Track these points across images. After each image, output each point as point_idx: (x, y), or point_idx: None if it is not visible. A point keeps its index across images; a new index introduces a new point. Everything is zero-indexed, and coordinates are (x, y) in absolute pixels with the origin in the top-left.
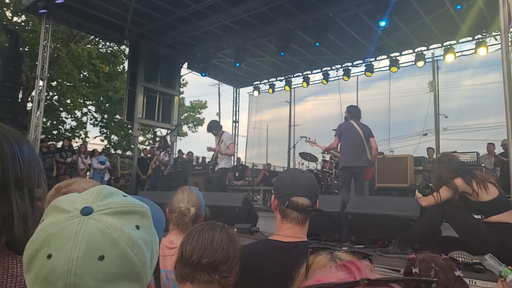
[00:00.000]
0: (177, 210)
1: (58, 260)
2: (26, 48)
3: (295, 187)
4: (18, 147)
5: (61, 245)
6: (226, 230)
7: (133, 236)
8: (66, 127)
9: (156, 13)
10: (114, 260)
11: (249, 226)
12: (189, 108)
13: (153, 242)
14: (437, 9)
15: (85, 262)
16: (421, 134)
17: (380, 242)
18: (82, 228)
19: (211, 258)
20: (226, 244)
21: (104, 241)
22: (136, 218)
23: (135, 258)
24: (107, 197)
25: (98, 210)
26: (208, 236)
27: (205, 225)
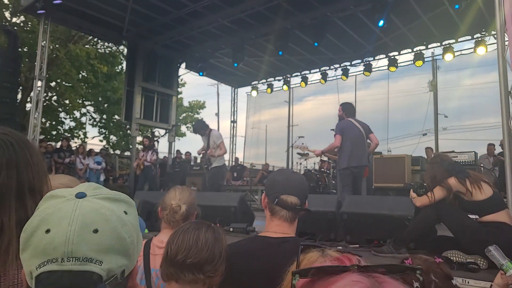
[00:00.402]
0: (168, 208)
1: (56, 233)
2: (25, 48)
3: (286, 185)
4: (29, 152)
5: (59, 221)
6: (212, 230)
7: (122, 217)
8: (65, 128)
9: (154, 13)
10: (107, 234)
11: (245, 225)
12: (187, 108)
13: (138, 228)
14: (435, 8)
15: (82, 233)
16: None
17: (376, 241)
18: (78, 207)
19: (195, 258)
20: (212, 244)
21: (98, 218)
22: (124, 205)
23: (125, 235)
24: (96, 188)
25: (91, 195)
26: (193, 236)
27: (191, 225)
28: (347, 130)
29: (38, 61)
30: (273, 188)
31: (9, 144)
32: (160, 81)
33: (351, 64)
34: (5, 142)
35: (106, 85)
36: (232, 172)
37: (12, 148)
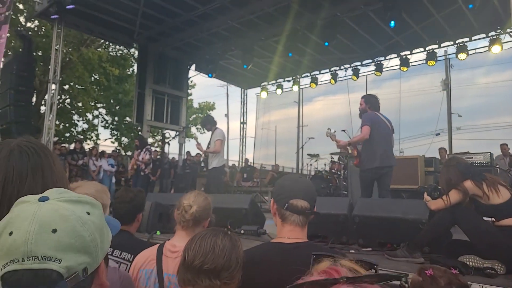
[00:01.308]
0: (180, 207)
1: (17, 234)
2: (39, 52)
3: (294, 190)
4: (52, 159)
5: (20, 223)
6: (229, 237)
7: (83, 216)
8: (78, 130)
9: (164, 16)
10: (65, 233)
11: (256, 228)
12: (197, 110)
13: (103, 228)
14: (448, 7)
15: (40, 234)
16: (434, 134)
17: (389, 245)
18: (39, 210)
19: (212, 264)
20: (229, 251)
21: (57, 218)
22: (87, 207)
23: (85, 233)
24: (62, 192)
25: (54, 198)
26: (210, 242)
27: (208, 231)
28: (376, 124)
29: (52, 64)
30: (282, 194)
31: (33, 150)
32: (170, 83)
33: (361, 64)
34: (29, 148)
35: (118, 87)
36: (242, 173)
37: (36, 154)
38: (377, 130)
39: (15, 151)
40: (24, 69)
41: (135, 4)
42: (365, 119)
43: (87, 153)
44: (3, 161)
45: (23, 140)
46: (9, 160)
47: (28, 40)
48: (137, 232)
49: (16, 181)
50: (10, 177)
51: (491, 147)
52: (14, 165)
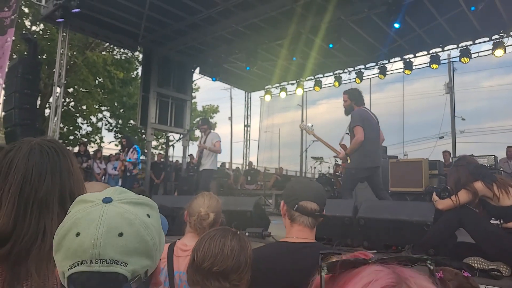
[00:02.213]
0: (196, 214)
1: (85, 236)
2: (44, 56)
3: (304, 192)
4: (70, 160)
5: (88, 225)
6: (238, 238)
7: (145, 220)
8: (82, 133)
9: (169, 19)
10: (131, 237)
11: (261, 230)
12: (201, 113)
13: (161, 230)
14: (452, 10)
15: (108, 237)
16: (437, 137)
17: (394, 247)
18: (105, 212)
19: (221, 266)
20: (237, 252)
21: (123, 222)
22: (147, 209)
23: (148, 237)
24: (122, 193)
25: (117, 200)
26: (219, 244)
27: (217, 232)
28: (367, 121)
29: (57, 68)
30: (292, 195)
31: (53, 150)
32: (174, 86)
33: (365, 67)
34: (49, 148)
35: (122, 90)
36: (246, 176)
37: (56, 155)
38: (368, 128)
39: (35, 150)
40: (29, 72)
41: (139, 8)
42: (355, 118)
43: (91, 156)
44: (22, 160)
45: (44, 139)
46: (29, 159)
47: (34, 43)
48: None
49: (34, 181)
50: (29, 177)
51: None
52: (33, 164)
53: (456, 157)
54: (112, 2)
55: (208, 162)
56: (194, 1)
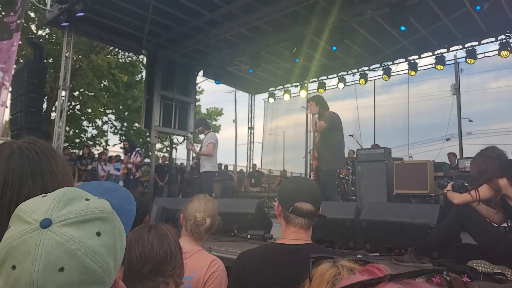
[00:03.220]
0: (193, 219)
1: (21, 271)
2: (50, 60)
3: (299, 193)
4: (54, 160)
5: (23, 257)
6: (155, 230)
7: (92, 245)
8: (88, 136)
9: (172, 23)
10: (73, 271)
11: (263, 233)
12: (205, 115)
13: (117, 244)
14: (457, 10)
15: (46, 275)
16: (444, 139)
17: (397, 250)
18: (42, 242)
19: (148, 266)
20: (158, 246)
21: (63, 254)
22: (97, 224)
23: (96, 266)
24: (67, 205)
25: (57, 222)
26: (138, 247)
27: (132, 235)
28: (340, 124)
29: (62, 71)
30: (287, 196)
31: (34, 152)
32: (178, 89)
33: (369, 69)
34: (29, 150)
35: (127, 93)
36: (250, 179)
37: (37, 156)
38: (341, 131)
39: (15, 153)
40: (35, 76)
41: (143, 12)
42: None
43: (96, 158)
44: (3, 163)
45: (25, 141)
46: (9, 162)
47: (39, 47)
48: None
49: (15, 184)
50: (10, 180)
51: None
52: (14, 167)
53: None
54: (116, 6)
55: (207, 164)
56: (197, 4)
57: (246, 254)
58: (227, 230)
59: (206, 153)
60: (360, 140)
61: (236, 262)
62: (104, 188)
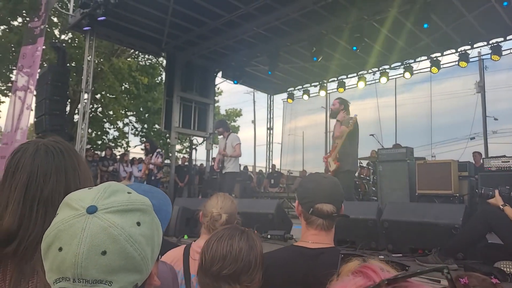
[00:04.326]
0: (209, 215)
1: (67, 253)
2: (73, 63)
3: (319, 193)
4: (76, 160)
5: (69, 239)
6: (246, 237)
7: (133, 233)
8: (109, 137)
9: (191, 25)
10: (115, 255)
11: (283, 233)
12: (224, 116)
13: (154, 236)
14: (481, 6)
15: (90, 256)
16: (468, 138)
17: (420, 251)
18: (87, 226)
19: (231, 269)
20: (246, 253)
21: (106, 238)
22: (138, 215)
23: (135, 253)
24: (111, 195)
25: (102, 209)
26: (226, 245)
27: (224, 232)
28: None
29: (85, 75)
30: (306, 197)
31: (59, 151)
32: (197, 90)
33: (390, 67)
34: (55, 148)
35: (147, 95)
36: (269, 179)
37: (61, 154)
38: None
39: (41, 150)
40: (58, 80)
41: (163, 15)
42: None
43: (117, 159)
44: (28, 160)
45: (50, 139)
46: (34, 159)
47: (62, 51)
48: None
49: (40, 180)
50: (34, 177)
51: None
52: (39, 164)
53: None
54: (136, 9)
55: (231, 165)
56: (215, 6)
57: (266, 256)
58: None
59: (236, 155)
60: (381, 140)
61: None
62: (143, 190)
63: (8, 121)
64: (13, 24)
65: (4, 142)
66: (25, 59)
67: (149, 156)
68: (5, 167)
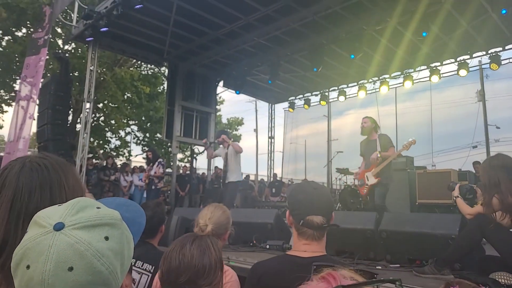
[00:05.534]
0: (197, 226)
1: (34, 270)
2: (76, 73)
3: (309, 205)
4: (64, 175)
5: (37, 257)
6: (198, 242)
7: (100, 248)
8: (111, 146)
9: (192, 35)
10: (82, 271)
11: (281, 243)
12: (226, 125)
13: (124, 249)
14: (478, 17)
15: (56, 273)
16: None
17: (418, 261)
18: (54, 243)
19: (185, 276)
20: (198, 258)
21: (73, 254)
22: (106, 229)
23: (102, 267)
24: (79, 211)
25: (69, 225)
26: (178, 255)
27: (177, 242)
28: None
29: (87, 84)
30: (297, 209)
31: (44, 167)
32: (199, 99)
33: (390, 77)
34: (39, 165)
35: (149, 105)
36: (271, 188)
37: (46, 170)
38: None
39: (26, 167)
40: (61, 89)
41: (165, 25)
42: (391, 141)
43: (118, 169)
44: (14, 177)
45: (37, 156)
46: (19, 176)
47: (65, 61)
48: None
49: (24, 197)
50: (19, 193)
51: None
52: (23, 181)
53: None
54: (139, 20)
55: (233, 174)
56: (216, 17)
57: (260, 265)
58: (246, 240)
59: (237, 150)
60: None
61: (250, 273)
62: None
63: (11, 131)
64: (17, 34)
65: (7, 151)
66: (28, 69)
67: (150, 166)
68: None
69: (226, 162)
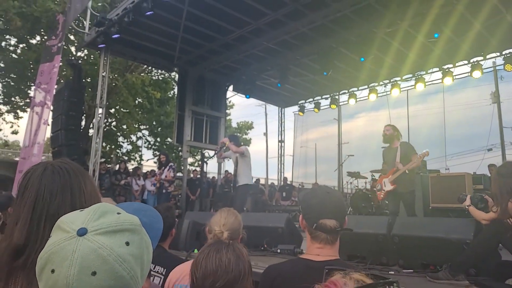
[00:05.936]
0: (213, 232)
1: (59, 275)
2: (88, 79)
3: (322, 209)
4: (83, 179)
5: (61, 262)
6: (232, 248)
7: (121, 253)
8: (123, 151)
9: (202, 40)
10: (104, 275)
11: (293, 247)
12: (236, 129)
13: (143, 254)
14: (492, 17)
15: (80, 278)
16: (485, 150)
17: (432, 267)
18: (78, 248)
19: (223, 281)
20: (235, 263)
21: (96, 259)
22: (126, 235)
23: (124, 272)
24: (101, 217)
25: (92, 231)
26: (215, 260)
27: (211, 248)
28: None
29: (99, 90)
30: (310, 213)
31: (65, 171)
32: (209, 104)
33: (401, 79)
34: (61, 169)
35: (160, 110)
36: (281, 192)
37: (67, 174)
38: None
39: (48, 170)
40: (74, 95)
41: (175, 31)
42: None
43: (130, 173)
44: (36, 179)
45: (59, 160)
46: (42, 178)
47: (78, 68)
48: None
49: (46, 198)
50: (41, 195)
51: None
52: (46, 183)
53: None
54: (149, 26)
55: (243, 178)
56: (225, 22)
57: (273, 269)
58: (257, 244)
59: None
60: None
61: (262, 276)
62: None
63: (26, 136)
64: (31, 42)
65: (22, 156)
66: (42, 76)
67: (161, 170)
68: (18, 187)
69: (236, 166)
